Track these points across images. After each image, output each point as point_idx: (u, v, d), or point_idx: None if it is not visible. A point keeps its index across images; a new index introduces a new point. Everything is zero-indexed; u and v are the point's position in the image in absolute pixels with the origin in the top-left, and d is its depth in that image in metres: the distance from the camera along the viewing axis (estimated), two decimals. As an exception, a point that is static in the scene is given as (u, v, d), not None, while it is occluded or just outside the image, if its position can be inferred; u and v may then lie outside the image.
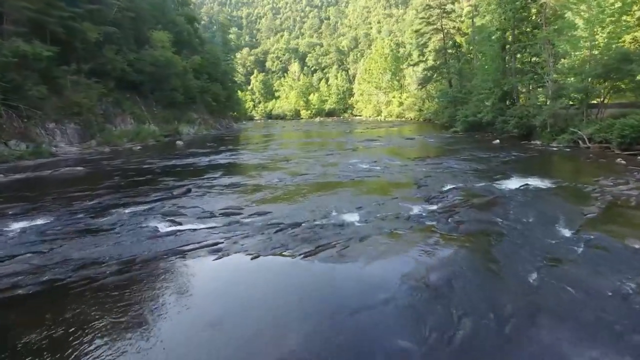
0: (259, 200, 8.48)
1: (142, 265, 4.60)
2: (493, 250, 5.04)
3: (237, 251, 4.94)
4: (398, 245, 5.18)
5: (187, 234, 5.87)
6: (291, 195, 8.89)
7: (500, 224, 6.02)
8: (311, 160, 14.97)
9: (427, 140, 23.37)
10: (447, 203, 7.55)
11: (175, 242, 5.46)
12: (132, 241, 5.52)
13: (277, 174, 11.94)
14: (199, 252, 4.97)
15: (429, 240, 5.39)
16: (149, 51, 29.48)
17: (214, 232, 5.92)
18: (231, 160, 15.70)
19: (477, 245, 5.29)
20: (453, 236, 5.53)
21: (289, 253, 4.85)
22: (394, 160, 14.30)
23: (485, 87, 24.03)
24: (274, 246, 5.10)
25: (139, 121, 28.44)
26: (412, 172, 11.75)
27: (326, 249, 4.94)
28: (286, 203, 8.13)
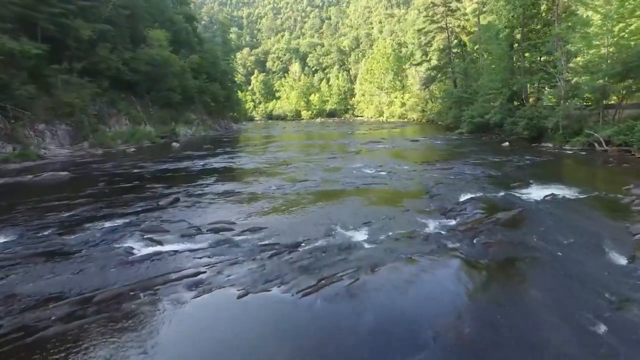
0: (254, 212, 7.56)
1: (101, 306, 3.68)
2: (534, 283, 4.12)
3: (222, 285, 4.02)
4: (419, 278, 4.25)
5: (165, 258, 4.95)
6: (290, 206, 7.97)
7: (536, 246, 5.10)
8: (312, 164, 14.06)
9: (432, 142, 22.45)
10: (466, 217, 6.62)
11: (149, 270, 4.55)
12: (98, 269, 4.61)
13: (275, 180, 11.03)
14: (176, 286, 4.05)
15: (455, 270, 4.48)
16: (145, 50, 28.61)
17: (198, 256, 5.01)
18: (227, 164, 14.79)
19: (514, 276, 4.36)
20: (482, 264, 4.60)
21: (285, 289, 3.93)
22: (400, 165, 13.38)
23: (493, 87, 23.09)
24: (267, 278, 4.18)
25: (135, 122, 27.56)
26: (421, 178, 10.82)
27: (330, 283, 4.02)
28: (284, 216, 7.22)
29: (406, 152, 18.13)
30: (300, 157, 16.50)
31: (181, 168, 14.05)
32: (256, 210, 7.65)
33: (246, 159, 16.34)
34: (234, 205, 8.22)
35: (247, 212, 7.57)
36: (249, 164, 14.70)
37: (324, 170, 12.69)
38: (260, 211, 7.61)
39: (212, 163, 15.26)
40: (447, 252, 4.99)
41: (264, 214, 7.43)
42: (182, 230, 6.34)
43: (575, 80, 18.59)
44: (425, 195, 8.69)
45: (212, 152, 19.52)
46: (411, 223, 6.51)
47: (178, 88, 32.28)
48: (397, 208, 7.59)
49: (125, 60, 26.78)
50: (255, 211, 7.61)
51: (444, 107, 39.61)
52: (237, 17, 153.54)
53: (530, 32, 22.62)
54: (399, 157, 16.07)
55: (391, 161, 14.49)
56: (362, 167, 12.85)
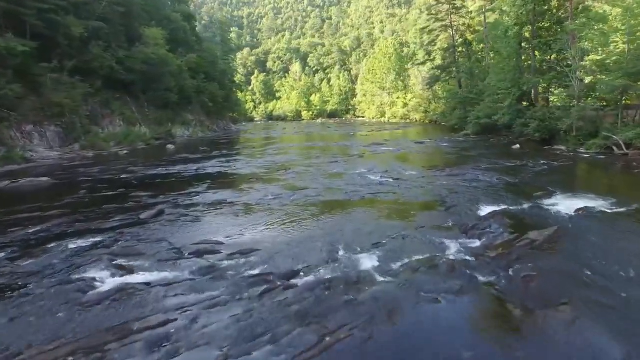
0: (246, 228, 6.61)
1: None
2: (601, 338, 3.16)
3: (194, 344, 3.06)
4: (450, 333, 3.28)
5: (131, 297, 4.00)
6: (287, 220, 7.02)
7: (590, 279, 4.14)
8: (313, 169, 13.10)
9: (438, 144, 21.48)
10: (493, 238, 5.66)
11: (106, 316, 3.59)
12: (41, 313, 3.66)
13: (272, 188, 10.07)
14: (134, 344, 3.09)
15: (495, 318, 3.52)
16: (140, 49, 27.67)
17: (172, 293, 4.06)
18: (222, 169, 13.84)
19: (573, 328, 3.38)
20: (528, 307, 3.64)
21: (276, 350, 2.96)
22: (408, 170, 12.41)
23: (502, 87, 22.11)
24: (254, 331, 3.22)
25: (129, 123, 26.64)
26: (432, 186, 9.86)
27: (337, 342, 3.05)
28: (280, 233, 6.27)
29: (412, 155, 17.17)
30: (300, 161, 15.55)
31: (172, 173, 13.10)
32: (249, 226, 6.70)
33: (243, 163, 15.39)
34: (225, 219, 7.27)
35: (239, 228, 6.63)
36: (245, 169, 13.75)
37: (325, 176, 11.74)
38: (253, 227, 6.66)
39: (206, 167, 14.31)
40: (480, 290, 4.02)
41: (257, 230, 6.48)
42: (160, 254, 5.39)
43: (590, 79, 17.64)
44: (440, 208, 7.73)
45: (208, 155, 18.58)
46: (429, 245, 5.55)
47: (175, 88, 31.35)
48: (410, 224, 6.63)
49: (120, 59, 25.87)
50: (248, 227, 6.66)
51: (448, 107, 38.63)
52: (237, 17, 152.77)
53: (541, 30, 21.67)
54: (405, 161, 15.13)
55: (397, 166, 13.54)
56: (367, 173, 11.89)
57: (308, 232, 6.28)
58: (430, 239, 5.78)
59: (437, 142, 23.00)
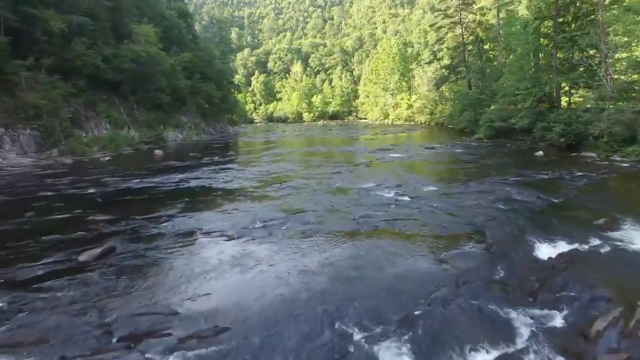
0: (216, 285, 4.73)
1: None
2: None
3: None
4: None
5: None
6: (275, 268, 5.13)
7: None
8: (312, 182, 11.20)
9: (451, 150, 19.53)
10: (581, 309, 3.76)
11: None
12: None
13: (261, 210, 8.19)
14: None
15: None
16: (128, 46, 25.86)
17: None
18: (207, 182, 11.94)
19: None
20: None
21: None
22: (424, 184, 10.50)
23: (521, 87, 20.17)
24: None
25: (116, 126, 24.83)
26: (460, 208, 7.95)
27: None
28: (261, 299, 4.35)
29: (425, 164, 15.25)
30: (299, 171, 13.65)
31: (149, 187, 11.22)
32: (220, 281, 4.82)
33: (233, 173, 13.50)
34: (190, 265, 5.37)
35: (206, 283, 4.74)
36: (234, 182, 11.85)
37: (327, 192, 9.85)
38: (226, 283, 4.78)
39: (190, 179, 12.42)
40: None
41: (231, 289, 4.60)
42: (74, 339, 3.50)
43: (624, 78, 15.71)
44: (479, 245, 5.83)
45: (197, 163, 16.71)
46: (483, 321, 3.66)
47: (167, 88, 29.56)
48: (445, 277, 4.72)
49: (106, 57, 24.06)
50: (219, 282, 4.77)
51: (456, 109, 36.68)
52: (238, 17, 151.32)
53: (562, 24, 19.75)
54: (419, 172, 13.22)
55: (411, 178, 11.63)
56: (377, 188, 9.99)
57: (303, 297, 4.36)
58: (482, 308, 3.88)
59: (449, 147, 21.07)
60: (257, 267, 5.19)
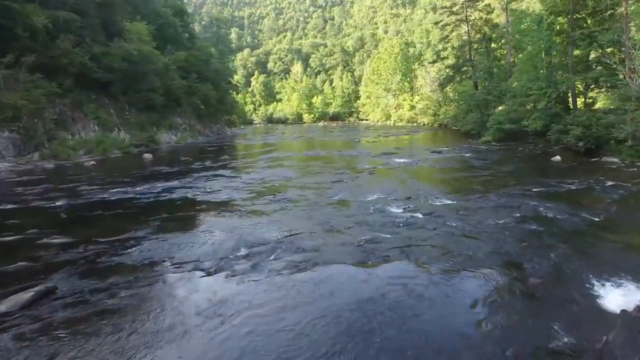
0: (180, 350, 3.46)
1: None
2: None
3: None
4: None
5: None
6: (258, 322, 3.87)
7: None
8: (310, 193, 9.94)
9: (459, 154, 18.23)
10: None
11: None
12: None
13: (248, 230, 6.93)
14: None
15: None
16: (119, 44, 24.61)
17: None
18: (193, 192, 10.67)
19: None
20: None
21: None
22: (437, 197, 9.22)
23: (534, 87, 18.90)
24: None
25: (106, 128, 23.60)
26: (484, 230, 6.67)
27: None
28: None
29: (434, 171, 13.97)
30: (296, 180, 12.38)
31: (126, 199, 9.96)
32: (187, 347, 3.54)
33: (223, 182, 12.23)
34: (149, 318, 4.10)
35: (167, 351, 3.46)
36: (222, 192, 10.58)
37: (326, 206, 8.58)
38: (194, 347, 3.50)
39: (175, 189, 11.16)
40: None
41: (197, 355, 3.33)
42: None
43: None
44: (518, 285, 4.56)
45: (186, 168, 15.46)
46: None
47: (161, 88, 28.30)
48: (481, 337, 3.45)
49: (95, 56, 22.83)
50: (186, 348, 3.49)
51: (461, 110, 35.43)
52: (238, 18, 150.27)
53: (578, 20, 18.48)
54: (429, 181, 11.92)
55: (421, 188, 10.35)
56: (384, 202, 8.72)
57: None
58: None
59: (457, 151, 19.79)
60: (235, 319, 3.93)
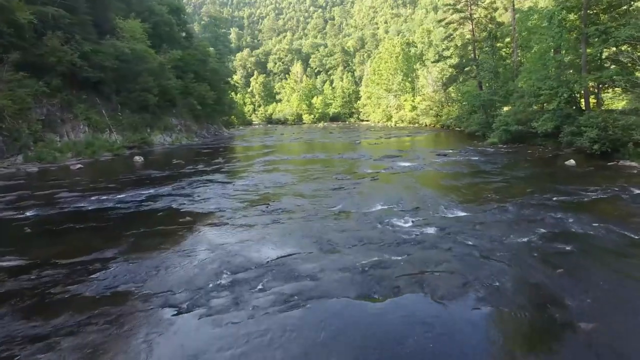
0: None
1: None
2: None
3: None
4: None
5: None
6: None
7: None
8: (307, 203, 8.98)
9: (467, 158, 17.25)
10: None
11: None
12: None
13: (233, 250, 5.97)
14: None
15: None
16: (111, 42, 23.68)
17: None
18: (178, 201, 9.71)
19: None
20: None
21: None
22: (449, 207, 8.26)
23: (545, 87, 17.94)
24: None
25: (97, 129, 22.67)
26: (508, 251, 5.71)
27: None
28: None
29: (442, 176, 13.01)
30: (292, 186, 11.43)
31: (103, 209, 9.00)
32: None
33: (213, 189, 11.28)
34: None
35: None
36: (211, 201, 9.62)
37: (325, 219, 7.62)
38: None
39: (160, 197, 10.21)
40: None
41: None
42: None
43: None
44: (568, 334, 3.61)
45: (176, 173, 14.52)
46: None
47: (155, 88, 27.34)
48: None
49: (85, 54, 21.89)
50: None
51: (464, 111, 34.49)
52: (238, 18, 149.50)
53: (590, 16, 17.52)
54: (438, 188, 10.95)
55: (429, 197, 9.38)
56: (389, 214, 7.77)
57: None
58: None
59: (463, 153, 18.82)
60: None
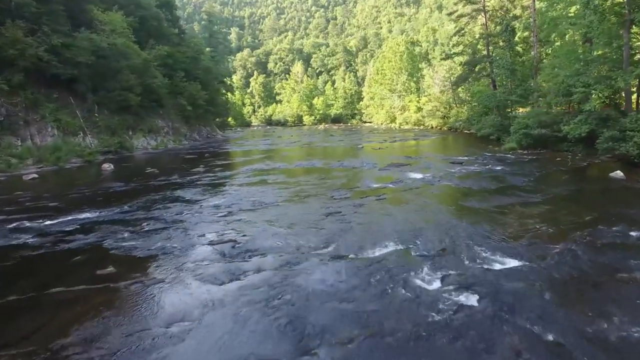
0: None
1: None
2: None
3: None
4: None
5: None
6: None
7: None
8: (288, 242, 6.46)
9: (487, 167, 14.68)
10: None
11: None
12: None
13: (151, 348, 3.47)
14: None
15: None
16: (85, 35, 21.30)
17: None
18: (112, 240, 7.21)
19: None
20: None
21: None
22: (488, 249, 5.74)
23: (579, 84, 15.40)
24: None
25: (68, 132, 20.27)
26: (616, 347, 3.19)
27: None
28: None
29: (464, 194, 10.46)
30: (274, 211, 8.94)
31: (10, 246, 6.54)
32: None
33: (171, 215, 8.77)
34: None
35: None
36: (157, 237, 7.11)
37: (310, 273, 5.12)
38: None
39: (95, 228, 7.73)
40: None
41: None
42: None
43: None
44: None
45: (141, 186, 12.08)
46: None
47: (138, 87, 24.95)
48: None
49: (54, 47, 19.53)
50: None
51: (475, 112, 31.95)
52: (238, 18, 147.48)
53: (634, 2, 15.00)
54: (466, 215, 8.35)
55: (458, 231, 6.85)
56: (405, 262, 5.28)
57: None
58: None
59: (480, 161, 16.30)
60: None
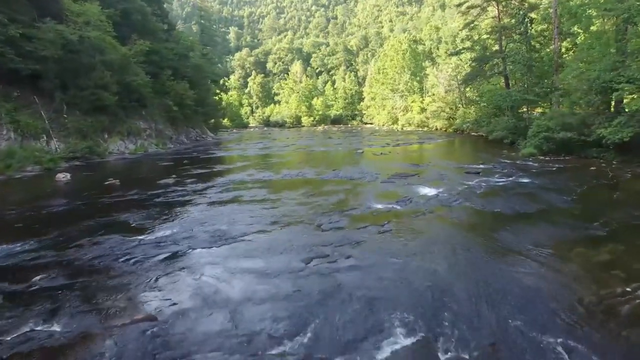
0: None
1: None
2: None
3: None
4: None
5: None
6: None
7: None
8: (260, 291, 4.07)
9: (511, 179, 12.23)
10: None
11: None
12: None
13: None
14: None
15: None
16: (50, 26, 18.99)
17: None
18: (25, 284, 4.86)
19: None
20: None
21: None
22: (551, 332, 3.35)
23: (623, 78, 13.01)
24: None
25: (29, 135, 17.92)
26: None
27: None
28: None
29: (492, 220, 8.04)
30: (240, 252, 6.53)
31: None
32: None
33: (109, 245, 6.39)
34: None
35: None
36: (90, 280, 4.73)
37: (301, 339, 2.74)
38: None
39: (17, 267, 5.36)
40: None
41: None
42: None
43: None
44: None
45: (90, 203, 9.73)
46: None
47: (115, 85, 22.64)
48: None
49: (12, 39, 17.24)
50: None
51: (484, 113, 29.58)
52: (238, 17, 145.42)
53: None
54: (500, 257, 5.89)
55: (496, 291, 4.46)
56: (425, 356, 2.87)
57: None
58: None
59: (499, 170, 13.91)
60: None
